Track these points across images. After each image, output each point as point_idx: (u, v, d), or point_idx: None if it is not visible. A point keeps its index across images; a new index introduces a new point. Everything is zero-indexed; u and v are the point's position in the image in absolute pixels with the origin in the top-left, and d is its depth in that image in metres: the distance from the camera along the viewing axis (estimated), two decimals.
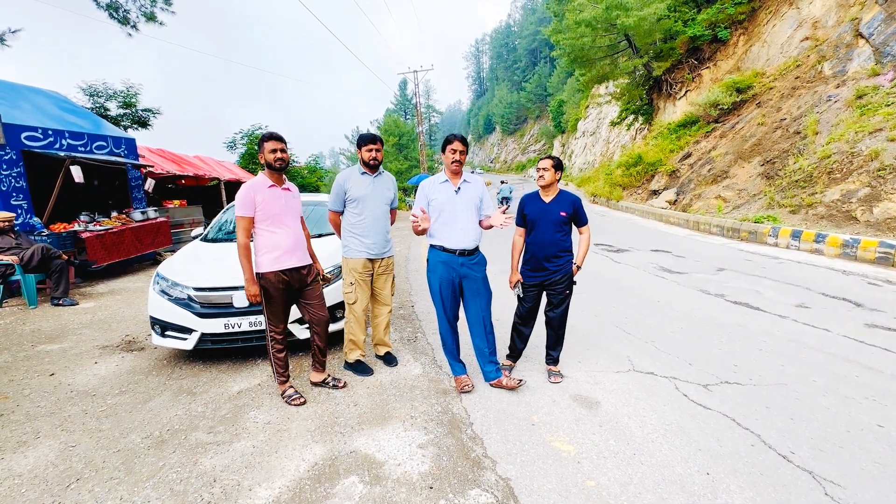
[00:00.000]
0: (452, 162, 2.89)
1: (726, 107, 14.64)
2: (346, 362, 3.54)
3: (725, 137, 13.67)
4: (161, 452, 2.49)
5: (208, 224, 5.16)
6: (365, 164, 3.34)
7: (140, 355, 4.02)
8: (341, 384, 3.22)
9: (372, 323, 3.70)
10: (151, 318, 3.66)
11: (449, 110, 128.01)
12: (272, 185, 2.88)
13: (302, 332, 3.67)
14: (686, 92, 18.61)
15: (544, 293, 3.22)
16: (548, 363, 3.34)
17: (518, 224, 3.25)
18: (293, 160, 18.95)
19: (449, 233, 2.95)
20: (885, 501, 1.93)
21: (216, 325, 3.48)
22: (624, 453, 2.34)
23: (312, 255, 3.22)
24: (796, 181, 9.43)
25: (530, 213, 3.13)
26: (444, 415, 2.80)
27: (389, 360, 3.63)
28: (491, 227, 2.99)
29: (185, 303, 3.56)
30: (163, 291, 3.68)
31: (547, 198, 3.11)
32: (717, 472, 2.17)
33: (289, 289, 2.95)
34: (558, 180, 3.10)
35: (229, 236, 4.78)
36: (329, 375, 3.26)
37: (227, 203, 10.88)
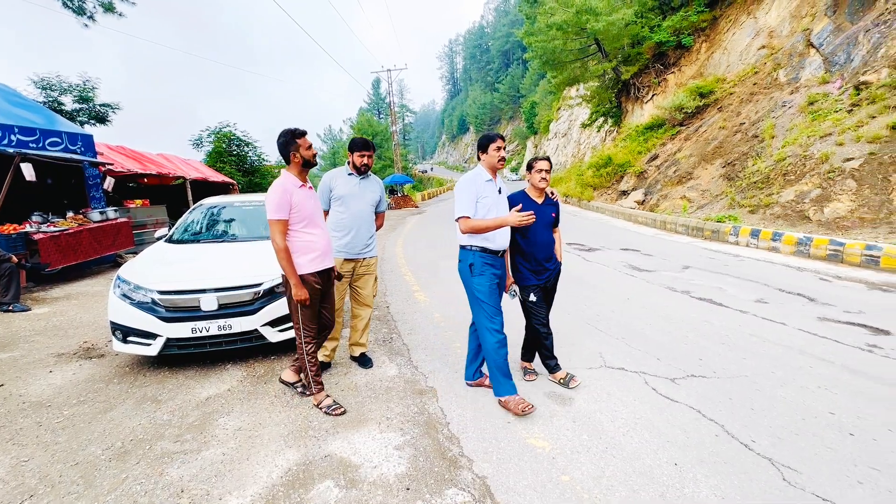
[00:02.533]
0: (500, 160, 2.84)
1: (690, 110, 15.22)
2: (351, 356, 3.68)
3: (690, 140, 14.21)
4: (123, 464, 2.38)
5: (173, 225, 4.97)
6: (355, 167, 3.35)
7: (100, 363, 3.83)
8: (308, 393, 3.11)
9: (351, 324, 3.66)
10: (112, 323, 3.49)
11: (423, 110, 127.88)
12: (302, 185, 2.78)
13: (274, 335, 3.58)
14: (653, 96, 19.24)
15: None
16: (526, 360, 3.37)
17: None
18: (264, 159, 18.49)
19: (494, 233, 2.83)
20: (836, 483, 2.05)
21: (183, 330, 3.35)
22: (597, 447, 2.40)
23: None
24: (755, 182, 9.90)
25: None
26: (421, 415, 2.79)
27: (364, 361, 3.59)
28: None
29: (149, 307, 3.41)
30: (124, 295, 3.51)
31: (539, 199, 3.09)
32: (684, 462, 2.25)
33: (321, 290, 2.90)
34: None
35: (196, 237, 4.62)
36: (300, 379, 3.16)
37: (194, 202, 10.50)
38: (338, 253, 3.33)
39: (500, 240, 2.86)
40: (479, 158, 2.90)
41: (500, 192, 2.89)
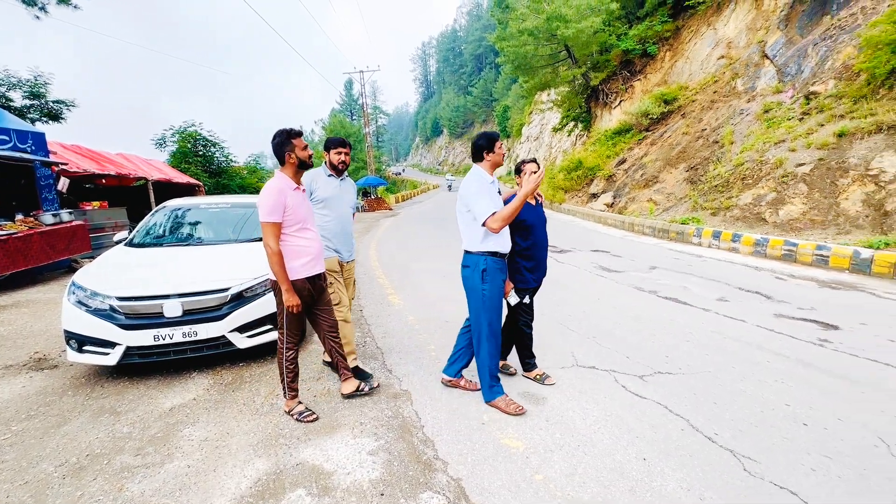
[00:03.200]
0: (503, 157, 2.89)
1: (656, 116, 15.78)
2: (324, 360, 3.57)
3: (655, 145, 14.73)
4: (79, 481, 2.24)
5: (134, 228, 4.75)
6: (333, 166, 3.27)
7: (52, 374, 3.61)
8: (375, 384, 3.10)
9: (344, 329, 3.61)
10: (66, 332, 3.30)
11: (396, 112, 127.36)
12: (296, 188, 2.71)
13: (243, 341, 3.47)
14: (620, 101, 19.83)
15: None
16: (503, 358, 3.41)
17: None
18: (231, 160, 17.95)
19: (505, 236, 2.83)
20: (792, 471, 2.16)
21: (144, 338, 3.21)
22: (569, 445, 2.44)
23: None
24: (716, 186, 10.35)
25: (529, 218, 3.03)
26: (395, 419, 2.77)
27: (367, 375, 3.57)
28: None
29: (107, 314, 3.25)
30: (80, 302, 3.33)
31: (533, 201, 3.12)
32: (652, 456, 2.32)
33: (311, 296, 2.80)
34: None
35: (159, 240, 4.44)
36: (361, 383, 3.07)
37: (157, 204, 10.07)
38: (331, 253, 3.28)
39: (509, 242, 2.87)
40: (480, 159, 2.84)
41: (499, 192, 2.89)
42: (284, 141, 2.67)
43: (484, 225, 2.63)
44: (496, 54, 31.69)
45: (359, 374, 3.28)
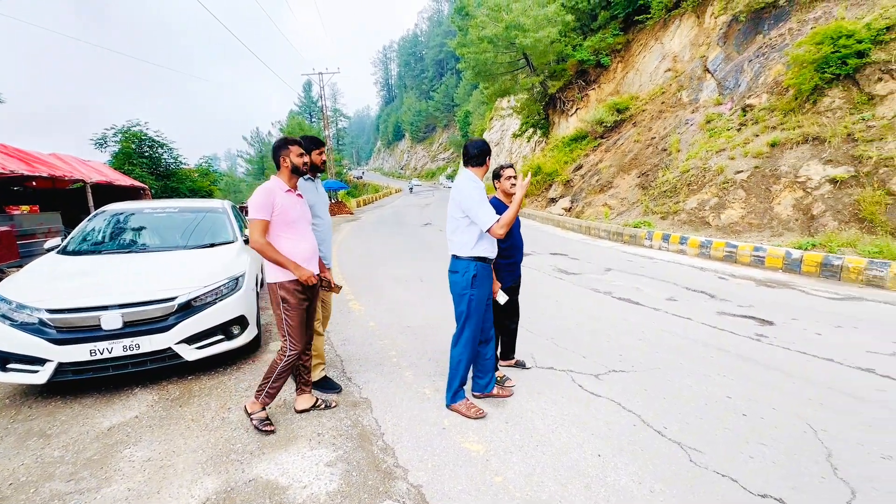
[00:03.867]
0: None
1: (609, 125, 16.47)
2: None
3: (609, 152, 15.36)
4: None
5: (69, 234, 4.41)
6: (313, 167, 3.13)
7: None
8: (333, 403, 2.98)
9: (317, 342, 3.50)
10: None
11: (357, 115, 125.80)
12: (289, 191, 2.69)
13: (191, 353, 3.29)
14: (577, 110, 20.56)
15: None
16: (509, 358, 3.58)
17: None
18: (181, 162, 17.06)
19: (492, 242, 2.88)
20: (733, 460, 2.30)
21: (79, 353, 2.97)
22: (528, 446, 2.48)
23: (321, 264, 3.01)
24: (665, 191, 10.93)
25: None
26: (354, 428, 2.71)
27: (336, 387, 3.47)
28: None
29: (36, 328, 2.98)
30: (3, 316, 3.04)
31: (508, 203, 3.20)
32: (606, 452, 2.40)
33: (306, 299, 2.72)
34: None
35: (97, 247, 4.14)
36: (318, 399, 2.97)
37: (97, 208, 9.40)
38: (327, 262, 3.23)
39: (496, 248, 2.91)
40: (480, 164, 2.89)
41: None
42: (281, 146, 2.71)
43: (489, 231, 2.66)
44: (457, 60, 32.08)
45: (328, 384, 3.22)
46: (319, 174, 3.28)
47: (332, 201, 27.20)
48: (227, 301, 3.49)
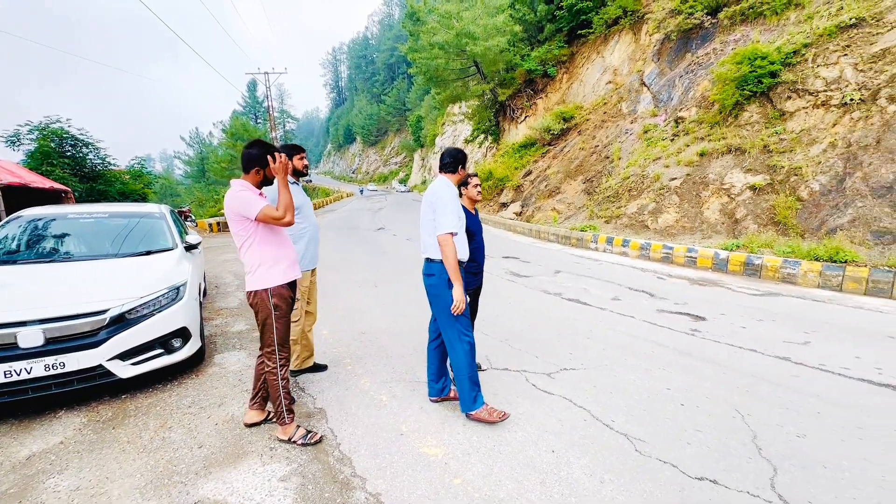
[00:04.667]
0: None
1: (556, 132, 17.17)
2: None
3: (557, 158, 16.01)
4: None
5: None
6: (296, 172, 3.30)
7: None
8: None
9: (306, 338, 3.50)
10: None
11: (306, 117, 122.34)
12: (262, 195, 2.57)
13: (125, 370, 3.05)
14: (526, 117, 21.25)
15: None
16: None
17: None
18: (110, 163, 15.74)
19: (464, 246, 2.88)
20: (673, 447, 2.47)
21: None
22: (485, 447, 2.52)
23: None
24: (608, 197, 11.55)
25: (470, 225, 3.17)
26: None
27: (322, 367, 3.65)
28: None
29: None
30: None
31: (472, 210, 3.33)
32: (559, 448, 2.49)
33: (290, 303, 2.63)
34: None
35: (11, 257, 3.74)
36: (269, 413, 2.86)
37: (8, 213, 8.43)
38: (307, 265, 3.32)
39: (468, 251, 2.94)
40: (454, 171, 2.90)
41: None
42: (265, 154, 2.58)
43: (438, 236, 2.66)
44: (409, 65, 32.12)
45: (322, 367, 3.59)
46: (302, 178, 3.41)
47: None
48: (166, 312, 3.27)
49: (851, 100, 7.65)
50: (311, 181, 58.72)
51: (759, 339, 4.16)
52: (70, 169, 14.19)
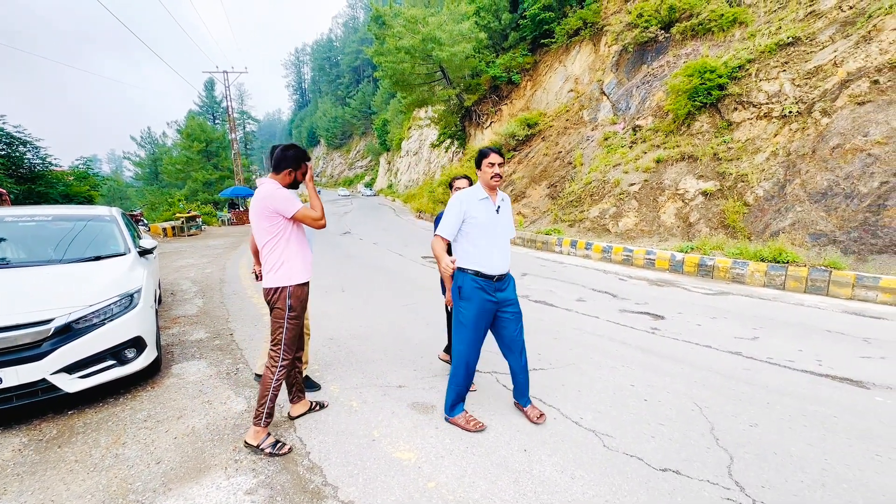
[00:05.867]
0: (492, 177, 2.63)
1: (521, 138, 17.52)
2: (256, 375, 3.45)
3: (522, 164, 16.34)
4: None
5: None
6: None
7: None
8: (326, 403, 3.05)
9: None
10: None
11: (268, 119, 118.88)
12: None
13: (72, 384, 2.84)
14: (491, 123, 21.58)
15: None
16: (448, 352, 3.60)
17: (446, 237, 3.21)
18: (50, 163, 14.68)
19: (489, 256, 2.62)
20: (638, 440, 2.57)
21: None
22: (458, 449, 2.52)
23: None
24: (571, 201, 11.89)
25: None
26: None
27: (312, 384, 3.40)
28: None
29: None
30: None
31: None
32: (531, 446, 2.53)
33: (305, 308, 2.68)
34: None
35: None
36: (314, 402, 3.00)
37: None
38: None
39: (496, 262, 2.65)
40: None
41: (497, 211, 2.69)
42: (301, 158, 2.63)
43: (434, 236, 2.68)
44: (374, 68, 31.95)
45: (308, 383, 3.31)
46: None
47: (240, 209, 25.33)
48: (119, 321, 3.08)
49: (790, 112, 8.28)
50: None
51: (713, 335, 4.40)
52: (4, 169, 13.11)
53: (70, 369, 2.83)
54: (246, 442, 2.51)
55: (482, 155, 2.68)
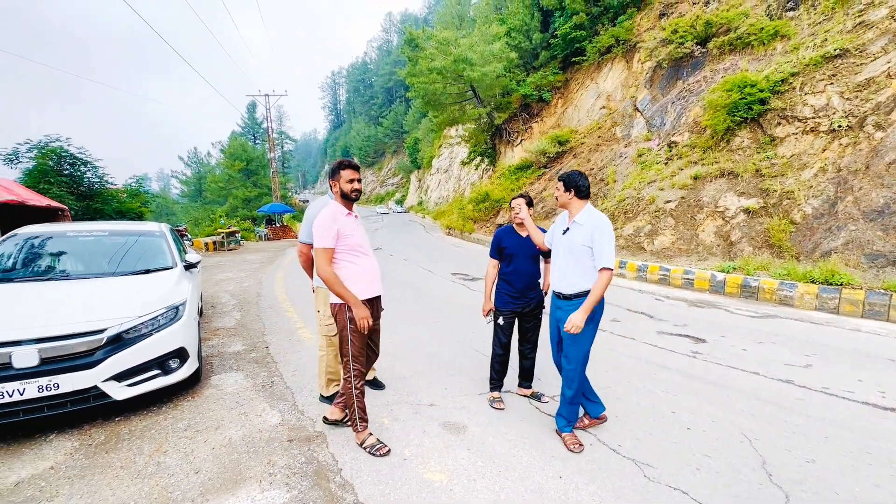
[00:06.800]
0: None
1: (552, 155, 17.45)
2: (322, 396, 3.38)
3: (553, 181, 16.20)
4: None
5: None
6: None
7: None
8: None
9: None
10: None
11: (304, 138, 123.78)
12: (348, 214, 2.73)
13: (121, 391, 2.97)
14: (521, 140, 21.62)
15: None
16: (524, 387, 3.51)
17: (493, 256, 3.34)
18: (107, 182, 15.74)
19: (553, 274, 2.87)
20: (682, 472, 2.43)
21: None
22: (491, 472, 2.46)
23: None
24: None
25: (508, 247, 3.22)
26: (310, 465, 2.55)
27: (378, 384, 3.63)
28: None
29: None
30: None
31: (523, 233, 3.24)
32: (567, 473, 2.44)
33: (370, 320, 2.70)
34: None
35: (7, 275, 3.69)
36: (346, 415, 3.00)
37: (5, 230, 8.35)
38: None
39: (556, 279, 2.82)
40: (581, 197, 2.76)
41: (564, 233, 2.77)
42: (334, 169, 2.73)
43: (601, 270, 2.60)
44: (406, 88, 32.80)
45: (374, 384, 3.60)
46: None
47: (277, 225, 26.23)
48: (165, 332, 3.22)
49: (839, 126, 7.88)
50: (307, 201, 58.89)
51: (761, 361, 4.15)
52: (67, 187, 14.17)
53: (119, 377, 2.97)
54: (356, 440, 2.74)
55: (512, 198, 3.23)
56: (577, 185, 2.73)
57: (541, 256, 3.30)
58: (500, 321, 3.30)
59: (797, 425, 2.95)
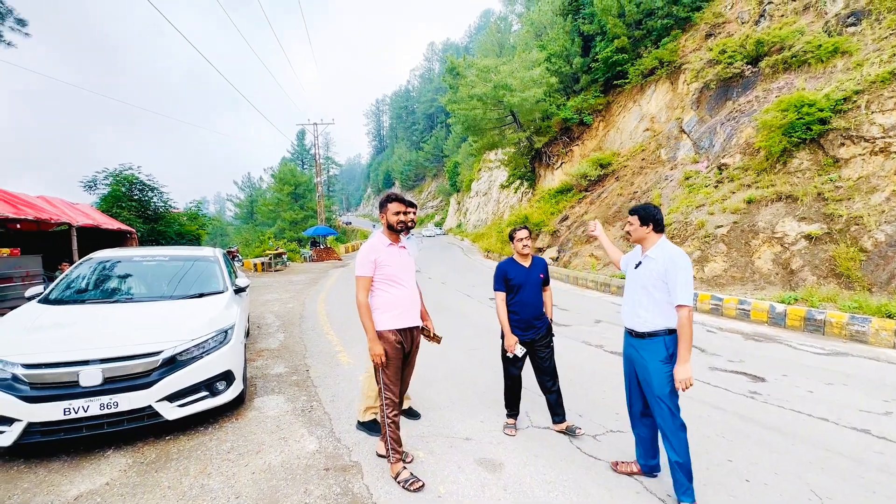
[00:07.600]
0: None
1: (593, 178, 17.15)
2: (359, 422, 3.42)
3: (594, 204, 15.88)
4: None
5: (50, 278, 4.28)
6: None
7: None
8: (409, 458, 2.98)
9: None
10: None
11: (349, 163, 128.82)
12: (391, 244, 2.84)
13: (172, 411, 3.13)
14: (561, 164, 21.44)
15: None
16: (557, 423, 3.38)
17: (499, 289, 3.33)
18: (170, 206, 17.03)
19: (624, 307, 2.79)
20: None
21: (52, 412, 2.80)
22: None
23: (424, 315, 3.18)
24: None
25: (514, 278, 3.26)
26: (344, 496, 2.55)
27: (413, 413, 3.64)
28: None
29: (7, 384, 2.83)
30: None
31: (526, 263, 3.31)
32: None
33: (403, 350, 2.81)
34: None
35: (80, 296, 4.02)
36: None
37: (81, 252, 9.18)
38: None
39: (626, 314, 2.73)
40: (662, 229, 2.63)
41: (636, 266, 2.66)
42: (383, 202, 2.85)
43: (677, 307, 2.41)
44: (447, 115, 33.64)
45: (409, 413, 3.60)
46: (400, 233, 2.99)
47: (321, 247, 27.19)
48: (214, 355, 3.38)
49: None
50: (350, 223, 60.84)
51: (831, 405, 3.77)
52: (136, 211, 15.45)
53: (171, 398, 3.13)
54: (391, 475, 2.74)
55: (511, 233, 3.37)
56: (656, 219, 2.58)
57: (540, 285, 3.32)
58: (519, 353, 3.23)
59: (878, 483, 2.63)
